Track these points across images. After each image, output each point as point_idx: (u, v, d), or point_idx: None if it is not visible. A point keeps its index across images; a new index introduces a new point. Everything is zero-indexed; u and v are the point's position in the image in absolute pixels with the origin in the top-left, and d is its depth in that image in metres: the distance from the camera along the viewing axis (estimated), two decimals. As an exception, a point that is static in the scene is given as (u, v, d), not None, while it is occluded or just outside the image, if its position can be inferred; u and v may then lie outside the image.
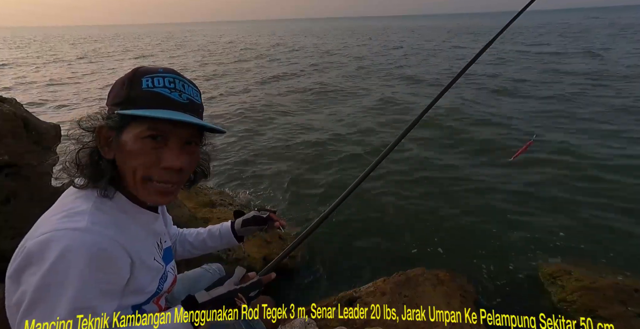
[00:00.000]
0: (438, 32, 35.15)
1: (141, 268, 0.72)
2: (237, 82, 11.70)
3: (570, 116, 6.31)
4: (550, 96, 7.72)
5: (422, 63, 14.31)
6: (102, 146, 0.71)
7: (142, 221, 0.78)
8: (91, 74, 14.15)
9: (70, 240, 0.60)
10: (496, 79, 10.00)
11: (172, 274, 0.87)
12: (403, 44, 23.12)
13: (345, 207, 3.53)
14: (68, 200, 0.70)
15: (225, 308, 0.75)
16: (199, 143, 0.77)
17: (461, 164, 4.64)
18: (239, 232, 1.12)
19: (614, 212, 3.35)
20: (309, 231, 1.05)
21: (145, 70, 0.71)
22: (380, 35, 35.82)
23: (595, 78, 9.33)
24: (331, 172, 4.59)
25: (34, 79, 13.02)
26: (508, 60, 13.46)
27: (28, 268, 0.60)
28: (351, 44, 25.26)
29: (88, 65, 17.34)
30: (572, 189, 3.81)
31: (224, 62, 17.27)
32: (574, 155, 4.68)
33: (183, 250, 1.10)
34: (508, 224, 3.26)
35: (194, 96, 0.74)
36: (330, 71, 13.23)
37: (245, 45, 28.22)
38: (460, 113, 6.78)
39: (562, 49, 15.89)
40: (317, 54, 19.86)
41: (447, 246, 3.01)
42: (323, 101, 8.72)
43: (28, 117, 1.87)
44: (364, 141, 5.68)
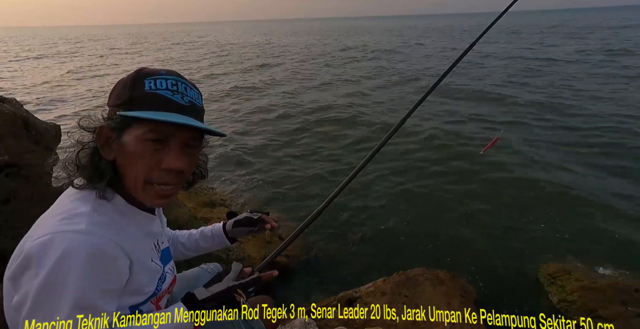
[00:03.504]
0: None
1: (139, 269, 0.72)
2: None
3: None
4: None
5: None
6: (103, 147, 0.71)
7: (140, 222, 0.78)
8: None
9: (70, 242, 0.60)
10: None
11: (171, 275, 0.87)
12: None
13: (345, 208, 3.54)
14: (66, 201, 0.70)
15: (225, 304, 0.75)
16: (199, 145, 0.77)
17: (461, 163, 4.64)
18: (230, 233, 1.11)
19: (614, 213, 3.35)
20: (303, 227, 1.10)
21: (148, 71, 0.71)
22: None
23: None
24: (330, 169, 4.60)
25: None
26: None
27: (28, 270, 0.60)
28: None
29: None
30: (572, 189, 3.81)
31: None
32: (571, 156, 4.68)
33: (176, 252, 1.10)
34: (508, 224, 3.26)
35: (195, 98, 0.74)
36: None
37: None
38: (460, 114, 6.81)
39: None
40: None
41: (447, 246, 3.00)
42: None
43: (28, 117, 1.87)
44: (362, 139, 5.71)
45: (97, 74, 13.67)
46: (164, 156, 0.69)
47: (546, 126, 5.92)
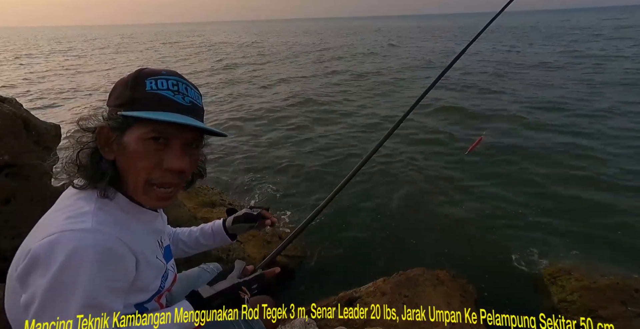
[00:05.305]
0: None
1: (145, 266, 0.72)
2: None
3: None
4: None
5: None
6: (103, 147, 0.70)
7: (143, 220, 0.78)
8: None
9: (78, 241, 0.60)
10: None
11: (172, 272, 0.87)
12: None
13: (345, 208, 3.54)
14: (70, 201, 0.70)
15: (230, 302, 0.76)
16: (199, 145, 0.77)
17: (460, 163, 4.64)
18: (230, 229, 1.11)
19: (614, 213, 3.35)
20: (303, 227, 1.11)
21: (149, 71, 0.71)
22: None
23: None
24: (330, 168, 4.60)
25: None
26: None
27: (35, 270, 0.59)
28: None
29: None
30: (572, 190, 3.81)
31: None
32: (573, 155, 4.68)
33: (176, 249, 1.10)
34: (508, 224, 3.26)
35: (196, 98, 0.74)
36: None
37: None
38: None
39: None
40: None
41: (447, 246, 3.00)
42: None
43: (28, 117, 1.87)
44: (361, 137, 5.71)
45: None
46: (165, 156, 0.69)
47: (538, 123, 5.94)
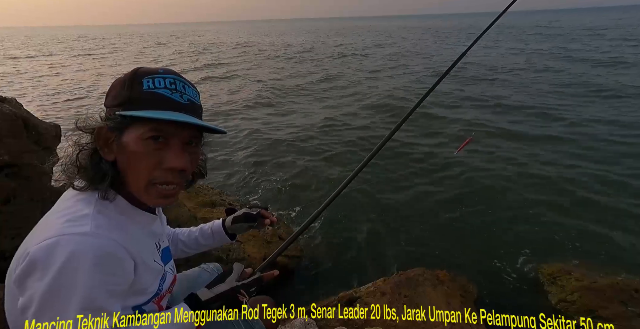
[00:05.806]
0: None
1: (144, 270, 0.72)
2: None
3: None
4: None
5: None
6: (102, 148, 0.70)
7: (141, 222, 0.78)
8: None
9: (77, 245, 0.60)
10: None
11: (171, 274, 0.87)
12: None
13: (345, 208, 3.53)
14: (69, 203, 0.69)
15: (228, 305, 0.75)
16: (199, 143, 0.77)
17: (460, 164, 4.64)
18: (230, 229, 1.11)
19: (614, 213, 3.35)
20: (304, 227, 1.11)
21: (146, 71, 0.71)
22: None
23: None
24: (331, 168, 4.60)
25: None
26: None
27: (33, 273, 0.59)
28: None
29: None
30: (572, 189, 3.81)
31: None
32: (573, 154, 4.68)
33: (176, 249, 1.10)
34: (508, 225, 3.26)
35: (193, 96, 0.74)
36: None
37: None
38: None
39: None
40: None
41: (447, 246, 3.00)
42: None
43: (28, 117, 1.87)
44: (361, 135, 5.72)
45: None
46: (165, 155, 0.69)
47: (536, 123, 5.93)
